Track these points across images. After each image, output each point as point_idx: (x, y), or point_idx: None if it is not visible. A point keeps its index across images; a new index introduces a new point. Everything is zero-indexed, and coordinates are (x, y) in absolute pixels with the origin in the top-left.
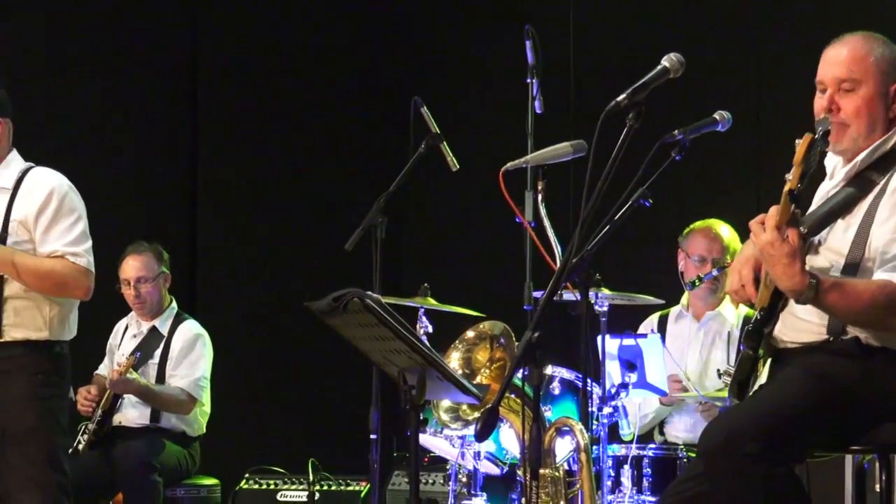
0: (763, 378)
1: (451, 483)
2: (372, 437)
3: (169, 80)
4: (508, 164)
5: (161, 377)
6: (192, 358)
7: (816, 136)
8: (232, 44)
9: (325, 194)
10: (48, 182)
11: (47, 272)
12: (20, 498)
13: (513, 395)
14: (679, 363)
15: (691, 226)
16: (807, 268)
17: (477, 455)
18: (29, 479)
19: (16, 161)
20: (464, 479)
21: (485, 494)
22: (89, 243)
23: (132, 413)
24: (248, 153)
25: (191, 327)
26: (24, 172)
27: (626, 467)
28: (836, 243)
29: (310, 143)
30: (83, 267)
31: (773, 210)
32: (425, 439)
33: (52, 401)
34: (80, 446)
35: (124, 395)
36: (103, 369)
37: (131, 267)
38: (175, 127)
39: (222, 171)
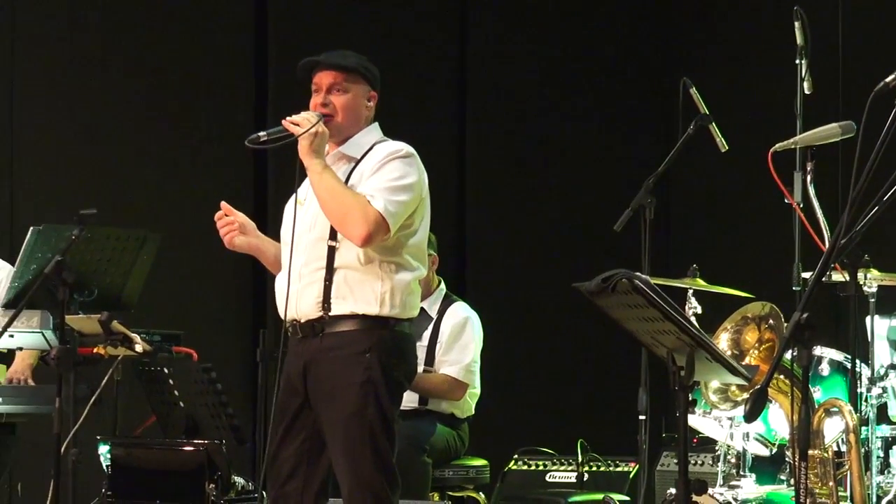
0: None
1: (719, 464)
2: (640, 417)
3: (437, 67)
4: (777, 145)
5: (430, 360)
6: (461, 343)
7: None
8: (500, 27)
9: (594, 175)
10: (388, 148)
11: (339, 194)
12: (342, 478)
13: (781, 376)
14: None
15: None
16: None
17: (746, 436)
18: (350, 469)
19: (372, 134)
20: (732, 460)
21: (753, 475)
22: (399, 207)
23: None
24: (515, 134)
25: (459, 311)
26: (374, 144)
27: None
28: None
29: (577, 123)
30: (374, 210)
31: None
32: (694, 420)
33: (377, 383)
34: None
35: None
36: None
37: None
38: (444, 110)
39: (490, 153)
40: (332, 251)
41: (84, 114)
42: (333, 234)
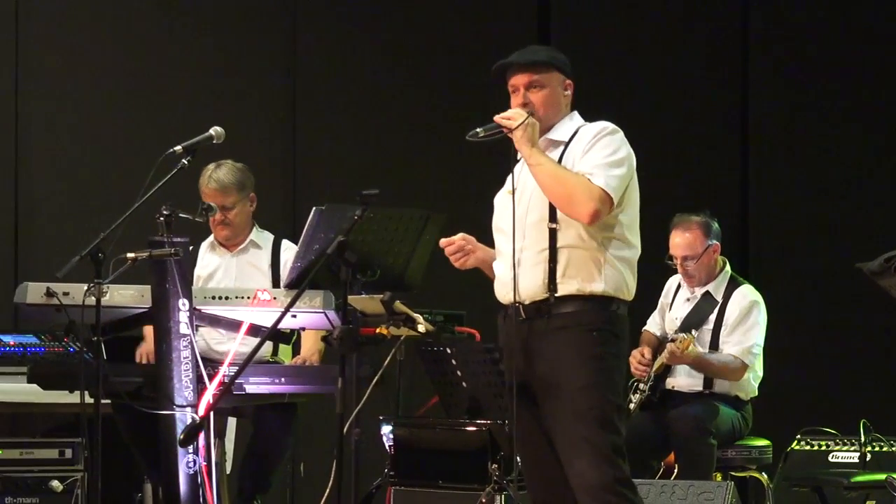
0: None
1: None
2: None
3: (715, 46)
4: None
5: (714, 343)
6: (746, 325)
7: None
8: (781, 6)
9: (877, 155)
10: (595, 127)
11: (560, 177)
12: (571, 455)
13: None
14: None
15: None
16: None
17: None
18: (581, 438)
19: (575, 120)
20: None
21: None
22: (618, 181)
23: (685, 380)
24: (797, 114)
25: (746, 293)
26: (579, 128)
27: None
28: None
29: (860, 103)
30: (596, 187)
31: None
32: None
33: (607, 360)
34: (632, 406)
35: None
36: (652, 325)
37: (676, 246)
38: (723, 91)
39: (772, 135)
40: (553, 233)
41: (367, 94)
42: (553, 216)
